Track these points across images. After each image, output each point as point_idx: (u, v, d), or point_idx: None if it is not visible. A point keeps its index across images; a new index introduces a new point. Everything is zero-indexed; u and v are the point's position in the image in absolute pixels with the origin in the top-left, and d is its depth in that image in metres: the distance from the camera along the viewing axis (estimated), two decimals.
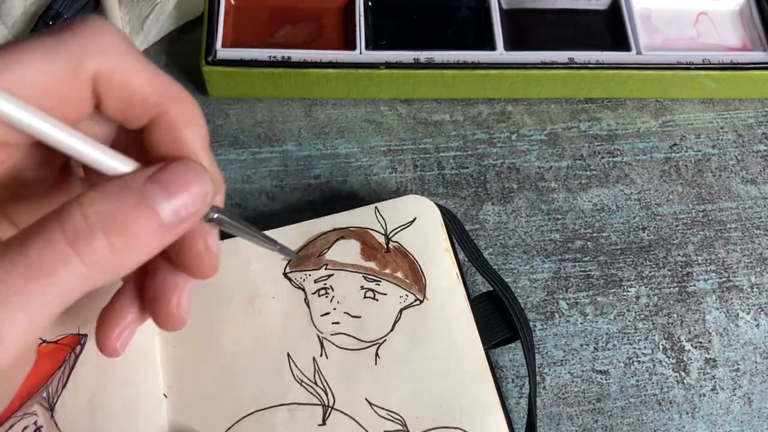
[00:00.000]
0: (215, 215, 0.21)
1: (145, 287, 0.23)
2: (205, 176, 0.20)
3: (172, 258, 0.23)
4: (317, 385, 0.30)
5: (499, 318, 0.32)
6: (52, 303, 0.17)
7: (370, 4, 0.42)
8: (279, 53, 0.39)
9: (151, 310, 0.23)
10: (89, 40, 0.18)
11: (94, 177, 0.23)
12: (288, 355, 0.31)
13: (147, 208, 0.18)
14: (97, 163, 0.18)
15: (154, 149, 0.20)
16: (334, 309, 0.32)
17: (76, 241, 0.17)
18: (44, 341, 0.30)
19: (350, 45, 0.40)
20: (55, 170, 0.22)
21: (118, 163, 0.19)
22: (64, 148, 0.18)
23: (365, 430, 0.30)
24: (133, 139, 0.21)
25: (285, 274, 0.33)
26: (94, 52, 0.18)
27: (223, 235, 0.27)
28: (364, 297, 0.32)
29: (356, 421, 0.30)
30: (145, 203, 0.18)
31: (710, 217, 0.40)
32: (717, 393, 0.36)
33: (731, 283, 0.38)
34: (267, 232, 0.33)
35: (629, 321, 0.37)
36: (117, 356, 0.23)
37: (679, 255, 0.39)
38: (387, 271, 0.33)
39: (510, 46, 0.41)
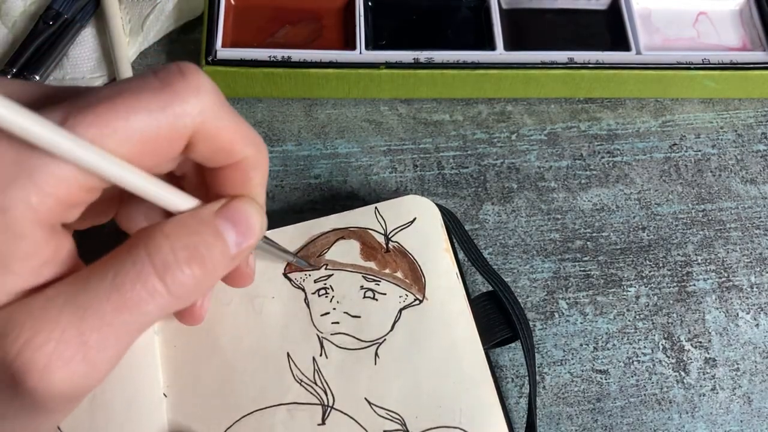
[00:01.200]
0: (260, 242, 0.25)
1: None
2: (261, 214, 0.22)
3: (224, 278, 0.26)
4: (317, 385, 0.30)
5: (499, 318, 0.32)
6: (137, 331, 0.18)
7: (370, 4, 0.42)
8: (279, 53, 0.39)
9: (232, 279, 0.26)
10: (190, 101, 0.19)
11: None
12: (288, 354, 0.31)
13: (221, 241, 0.20)
14: (166, 201, 0.20)
15: (220, 184, 0.22)
16: (334, 309, 0.32)
17: (165, 274, 0.18)
18: None
19: (350, 45, 0.40)
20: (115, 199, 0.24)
21: (184, 201, 0.21)
22: (134, 190, 0.19)
23: (365, 429, 0.30)
24: (197, 170, 0.23)
25: (285, 274, 0.33)
26: (194, 114, 0.19)
27: None
28: (364, 297, 0.32)
29: (356, 421, 0.30)
30: (219, 237, 0.20)
31: (710, 217, 0.40)
32: (717, 393, 0.36)
33: (731, 283, 0.38)
34: (267, 233, 0.33)
35: (629, 321, 0.37)
36: (200, 323, 0.27)
37: (678, 255, 0.39)
38: (387, 271, 0.33)
39: (510, 46, 0.41)
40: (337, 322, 0.32)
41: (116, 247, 0.20)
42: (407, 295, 0.32)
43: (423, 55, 0.40)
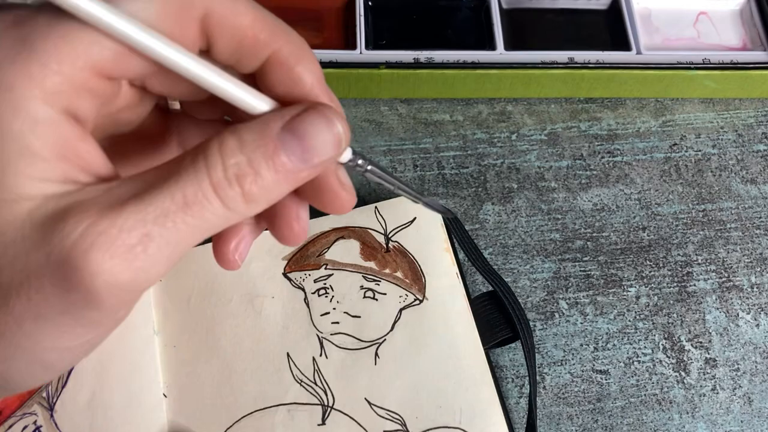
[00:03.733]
0: (359, 161, 0.23)
1: None
2: (337, 123, 0.20)
3: (308, 198, 0.24)
4: (317, 385, 0.30)
5: (499, 318, 0.32)
6: (194, 234, 0.18)
7: (370, 4, 0.42)
8: None
9: (272, 226, 0.24)
10: None
11: (197, 112, 0.24)
12: (288, 355, 0.31)
13: (279, 158, 0.19)
14: (242, 99, 0.19)
15: (273, 92, 0.21)
16: (334, 309, 0.32)
17: (218, 188, 0.18)
18: None
19: (350, 45, 0.40)
20: (147, 110, 0.23)
21: (259, 102, 0.20)
22: (208, 84, 0.19)
23: (365, 429, 0.30)
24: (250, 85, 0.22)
25: (285, 274, 0.33)
26: None
27: None
28: (364, 297, 0.32)
29: (356, 421, 0.30)
30: (277, 153, 0.19)
31: (710, 217, 0.40)
32: (717, 393, 0.36)
33: (731, 283, 0.38)
34: (267, 232, 0.33)
35: (629, 321, 0.37)
36: (236, 268, 0.25)
37: (679, 255, 0.39)
38: (387, 270, 0.33)
39: (510, 45, 0.41)
40: (337, 322, 0.32)
41: None
42: (407, 295, 0.32)
43: (423, 55, 0.40)
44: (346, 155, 0.22)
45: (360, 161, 0.23)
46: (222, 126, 0.24)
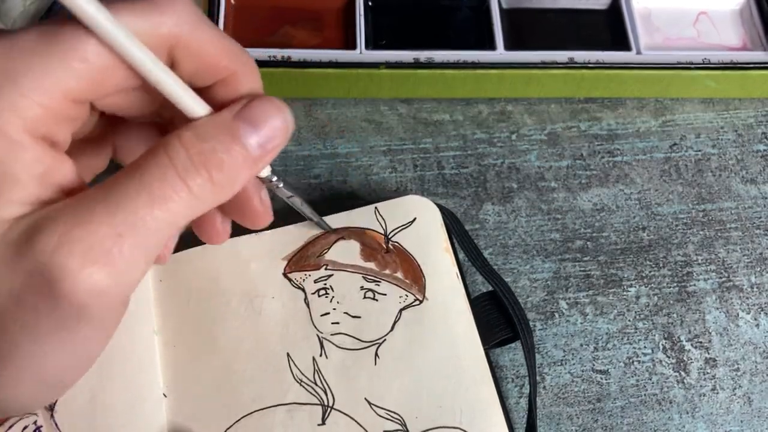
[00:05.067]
0: (274, 179, 0.25)
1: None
2: (284, 109, 0.22)
3: (230, 213, 0.26)
4: (317, 385, 0.30)
5: (499, 318, 0.32)
6: (166, 228, 0.19)
7: (370, 3, 0.42)
8: (279, 53, 0.39)
9: (238, 215, 0.26)
10: (167, 10, 0.20)
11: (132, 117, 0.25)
12: (288, 355, 0.31)
13: (238, 144, 0.20)
14: (188, 104, 0.21)
15: (218, 101, 0.22)
16: (334, 309, 0.32)
17: (185, 175, 0.19)
18: None
19: (350, 45, 0.40)
20: (95, 120, 0.24)
21: (199, 107, 0.21)
22: (165, 89, 0.20)
23: (365, 430, 0.30)
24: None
25: (285, 274, 0.33)
26: (171, 24, 0.20)
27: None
28: (364, 297, 0.32)
29: (356, 421, 0.30)
30: (236, 140, 0.20)
31: (710, 217, 0.40)
32: (717, 393, 0.36)
33: (731, 283, 0.38)
34: (267, 232, 0.33)
35: (629, 321, 0.37)
36: (225, 239, 0.27)
37: (679, 255, 0.39)
38: (387, 271, 0.33)
39: (510, 45, 0.41)
40: (337, 323, 0.32)
41: None
42: (407, 296, 0.32)
43: (423, 55, 0.40)
44: (266, 171, 0.25)
45: (274, 178, 0.26)
46: (153, 128, 0.26)
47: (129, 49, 0.19)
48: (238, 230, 0.29)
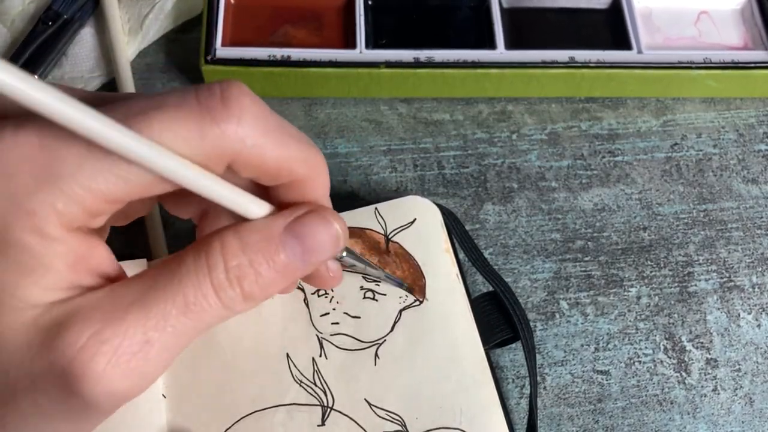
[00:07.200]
0: (343, 254, 0.25)
1: None
2: (335, 226, 0.22)
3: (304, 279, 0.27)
4: (316, 386, 0.30)
5: (500, 318, 0.32)
6: (189, 336, 0.19)
7: (370, 3, 0.42)
8: (279, 52, 0.39)
9: (307, 280, 0.27)
10: (228, 129, 0.18)
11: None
12: (287, 355, 0.31)
13: (281, 258, 0.20)
14: (237, 207, 0.20)
15: (281, 197, 0.22)
16: (334, 309, 0.32)
17: (219, 289, 0.19)
18: None
19: (350, 44, 0.40)
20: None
21: (256, 207, 0.21)
22: (206, 195, 0.19)
23: (364, 430, 0.30)
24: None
25: None
26: (232, 141, 0.19)
27: None
28: (364, 297, 0.32)
29: (355, 422, 0.30)
30: (279, 253, 0.20)
31: (711, 217, 0.40)
32: (718, 393, 0.35)
33: (732, 283, 0.38)
34: None
35: (630, 321, 0.37)
36: (340, 280, 0.28)
37: (680, 255, 0.39)
38: (387, 271, 0.32)
39: (510, 45, 0.41)
40: (337, 323, 0.32)
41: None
42: (407, 296, 0.32)
43: (423, 55, 0.40)
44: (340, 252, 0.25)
45: (344, 254, 0.26)
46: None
47: (165, 168, 0.18)
48: None
